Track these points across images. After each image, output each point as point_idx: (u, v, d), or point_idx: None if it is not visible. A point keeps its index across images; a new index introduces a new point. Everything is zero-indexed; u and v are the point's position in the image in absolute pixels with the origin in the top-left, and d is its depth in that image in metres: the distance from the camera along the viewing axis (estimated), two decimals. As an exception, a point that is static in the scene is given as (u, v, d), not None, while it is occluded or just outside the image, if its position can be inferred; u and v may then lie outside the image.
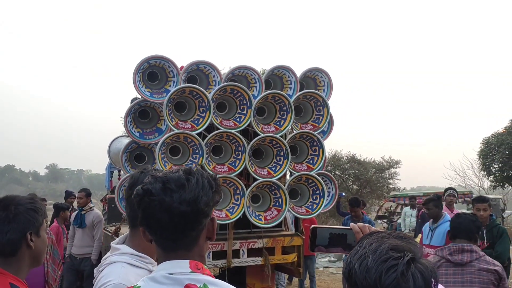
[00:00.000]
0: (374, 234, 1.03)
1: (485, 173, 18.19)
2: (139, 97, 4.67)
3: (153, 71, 4.70)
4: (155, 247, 1.19)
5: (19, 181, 74.69)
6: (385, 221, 15.57)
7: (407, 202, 12.52)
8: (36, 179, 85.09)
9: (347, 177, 21.39)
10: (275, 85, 5.13)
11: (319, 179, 4.89)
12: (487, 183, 20.04)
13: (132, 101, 4.97)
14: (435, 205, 5.22)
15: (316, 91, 5.03)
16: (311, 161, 5.04)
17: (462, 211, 7.30)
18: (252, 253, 4.76)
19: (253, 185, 4.60)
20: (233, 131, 4.58)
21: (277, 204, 4.81)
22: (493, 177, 17.88)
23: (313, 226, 1.33)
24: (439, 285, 0.96)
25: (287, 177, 5.08)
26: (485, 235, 4.83)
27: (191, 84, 4.61)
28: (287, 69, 4.99)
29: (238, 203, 4.60)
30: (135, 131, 4.58)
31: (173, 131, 4.36)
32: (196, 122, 4.55)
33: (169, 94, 4.36)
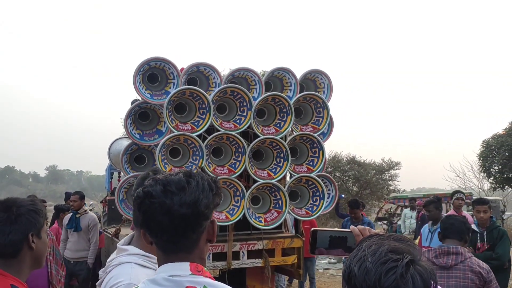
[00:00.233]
0: (373, 236, 1.03)
1: (485, 174, 18.17)
2: (139, 98, 4.68)
3: (153, 73, 4.71)
4: (156, 250, 1.19)
5: (19, 183, 74.69)
6: (385, 222, 15.55)
7: (407, 203, 12.50)
8: (36, 180, 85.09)
9: (347, 178, 21.37)
10: (275, 87, 5.13)
11: (319, 181, 4.89)
12: (487, 185, 20.04)
13: (132, 102, 4.98)
14: (436, 207, 5.23)
15: (316, 93, 5.03)
16: (311, 163, 5.04)
17: (468, 213, 7.30)
18: (252, 254, 4.76)
19: (253, 187, 4.61)
20: (233, 133, 4.58)
21: (277, 206, 4.81)
22: (493, 178, 17.86)
23: (313, 229, 1.33)
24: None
25: (287, 179, 5.08)
26: (485, 237, 4.83)
27: (191, 86, 4.62)
28: (287, 71, 4.99)
29: (238, 204, 4.60)
30: (135, 133, 4.59)
31: (173, 132, 4.37)
32: (196, 123, 4.55)
33: (169, 95, 4.37)
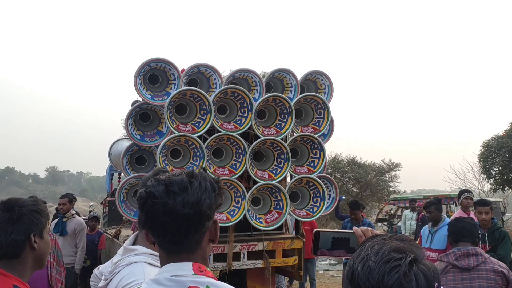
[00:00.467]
0: (376, 237, 1.03)
1: (485, 176, 18.15)
2: (140, 99, 4.69)
3: (154, 74, 4.71)
4: (158, 250, 1.19)
5: (19, 184, 74.69)
6: (385, 224, 15.56)
7: (407, 205, 12.48)
8: (36, 181, 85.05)
9: (347, 180, 21.37)
10: (276, 88, 5.13)
11: (320, 182, 4.89)
12: (487, 186, 20.01)
13: (133, 103, 4.98)
14: (436, 208, 5.22)
15: (316, 94, 5.03)
16: (312, 164, 5.04)
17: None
18: (252, 256, 4.76)
19: (253, 188, 4.60)
20: (233, 134, 4.58)
21: (278, 207, 4.81)
22: (493, 180, 17.84)
23: (316, 230, 1.33)
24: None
25: (288, 180, 5.08)
26: (487, 238, 4.83)
27: (192, 87, 4.62)
28: (288, 72, 4.99)
29: (238, 205, 4.60)
30: (136, 134, 4.59)
31: (174, 133, 4.37)
32: (197, 124, 4.55)
33: (170, 96, 4.37)
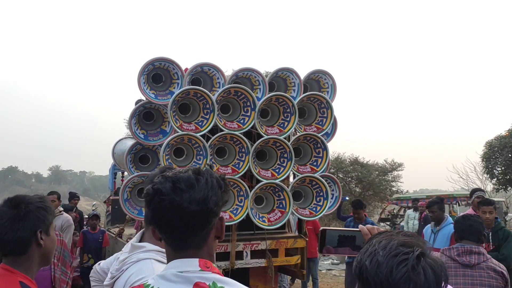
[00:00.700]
0: (382, 233, 1.05)
1: (488, 176, 18.12)
2: (144, 98, 4.70)
3: (157, 73, 4.72)
4: (165, 246, 1.20)
5: (22, 183, 74.87)
6: (388, 223, 15.52)
7: (410, 204, 12.48)
8: (39, 180, 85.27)
9: (350, 179, 21.34)
10: (279, 87, 5.14)
11: (323, 181, 4.89)
12: (490, 186, 19.96)
13: (136, 102, 5.00)
14: (439, 207, 5.22)
15: (320, 93, 5.04)
16: (315, 163, 5.05)
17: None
18: (255, 254, 4.77)
19: (256, 187, 4.61)
20: (237, 133, 4.59)
21: (281, 206, 4.82)
22: (496, 180, 17.81)
23: (322, 228, 1.33)
24: (448, 285, 0.97)
25: (291, 179, 5.08)
26: (490, 237, 4.82)
27: (196, 86, 4.63)
28: (291, 71, 5.00)
29: (241, 204, 4.61)
30: (139, 133, 4.60)
31: (178, 132, 4.38)
32: (200, 123, 4.57)
33: (174, 96, 4.38)
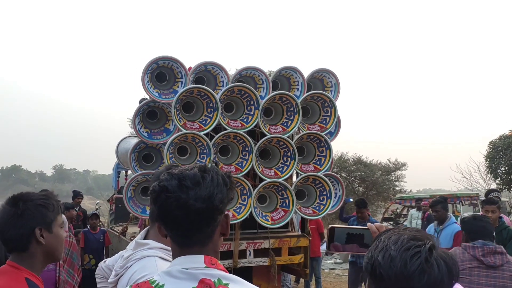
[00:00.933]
0: (390, 230, 1.06)
1: (492, 175, 18.10)
2: (148, 97, 4.71)
3: (161, 72, 4.73)
4: (170, 242, 1.21)
5: (25, 182, 75.12)
6: (391, 223, 15.49)
7: (413, 204, 12.45)
8: (42, 179, 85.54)
9: (353, 179, 21.34)
10: (283, 86, 5.14)
11: (326, 180, 4.89)
12: (493, 186, 19.92)
13: (140, 101, 5.00)
14: (443, 207, 5.21)
15: (323, 92, 5.03)
16: (318, 162, 5.04)
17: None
18: (258, 253, 4.77)
19: (260, 186, 4.62)
20: (240, 132, 4.60)
21: (284, 204, 4.82)
22: (499, 179, 17.78)
23: (331, 225, 1.34)
24: (457, 284, 0.98)
25: (294, 178, 5.08)
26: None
27: (199, 84, 4.64)
28: (295, 70, 5.00)
29: (245, 203, 4.61)
30: (143, 131, 4.61)
31: (181, 131, 4.39)
32: (203, 122, 4.57)
33: (177, 94, 4.39)
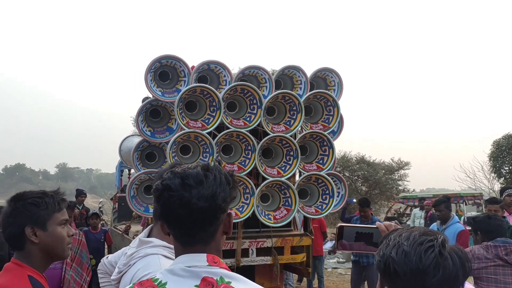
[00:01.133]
0: (399, 229, 1.07)
1: (496, 175, 18.07)
2: (151, 96, 4.71)
3: (164, 71, 4.74)
4: (173, 241, 1.21)
5: (29, 180, 75.49)
6: (394, 222, 15.48)
7: (417, 203, 12.45)
8: (46, 178, 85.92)
9: (356, 178, 21.31)
10: (285, 85, 5.13)
11: (329, 179, 4.89)
12: (497, 185, 19.88)
13: (143, 100, 5.01)
14: (446, 206, 5.19)
15: (326, 91, 5.02)
16: (321, 161, 5.04)
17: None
18: (261, 252, 4.77)
19: (262, 185, 4.62)
20: (243, 131, 4.60)
21: (287, 203, 4.82)
22: (503, 179, 17.74)
23: (339, 224, 1.34)
24: (466, 283, 0.99)
25: (297, 177, 5.08)
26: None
27: (202, 83, 4.64)
28: (297, 69, 4.99)
29: (247, 202, 4.61)
30: (146, 130, 4.62)
31: (184, 130, 4.40)
32: (206, 121, 4.58)
33: (180, 93, 4.39)
